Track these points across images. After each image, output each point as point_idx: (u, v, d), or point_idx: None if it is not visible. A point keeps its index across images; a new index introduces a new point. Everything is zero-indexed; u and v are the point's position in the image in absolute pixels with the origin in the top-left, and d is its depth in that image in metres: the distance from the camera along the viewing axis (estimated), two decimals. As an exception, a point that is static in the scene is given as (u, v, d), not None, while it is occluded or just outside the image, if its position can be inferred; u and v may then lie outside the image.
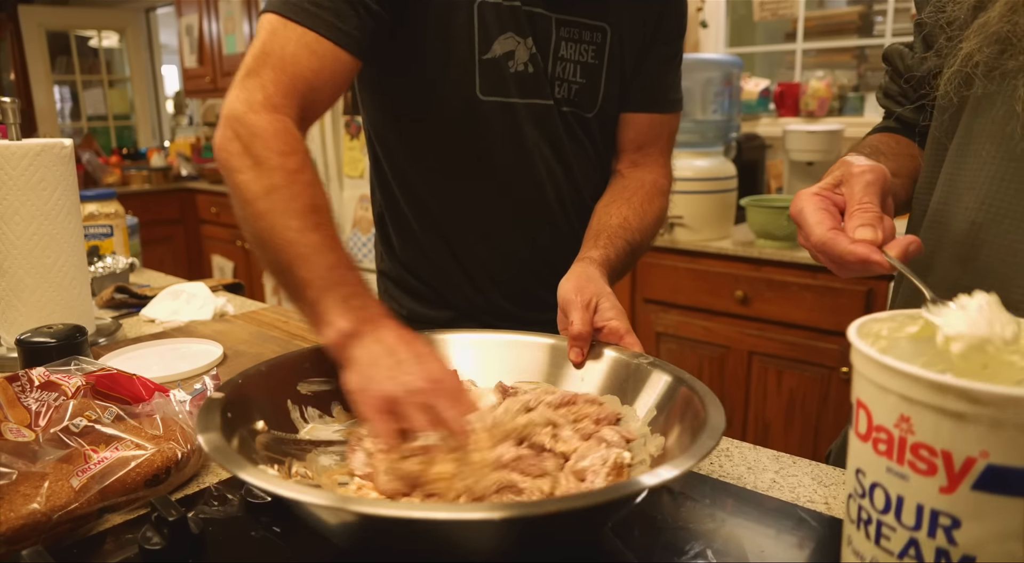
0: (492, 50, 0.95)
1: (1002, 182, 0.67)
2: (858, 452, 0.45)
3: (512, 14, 0.94)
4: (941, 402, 0.39)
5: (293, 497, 0.49)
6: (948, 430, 0.39)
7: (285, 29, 0.84)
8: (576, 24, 0.98)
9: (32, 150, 1.06)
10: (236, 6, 4.35)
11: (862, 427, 0.44)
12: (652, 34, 1.03)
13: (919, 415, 0.40)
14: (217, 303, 1.30)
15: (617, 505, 0.54)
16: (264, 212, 0.75)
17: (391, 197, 1.10)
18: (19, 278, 1.07)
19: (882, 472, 0.43)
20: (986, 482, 0.39)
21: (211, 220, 4.49)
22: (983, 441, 0.38)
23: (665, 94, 1.06)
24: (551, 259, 0.97)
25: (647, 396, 0.70)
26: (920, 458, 0.40)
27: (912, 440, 0.41)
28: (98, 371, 0.78)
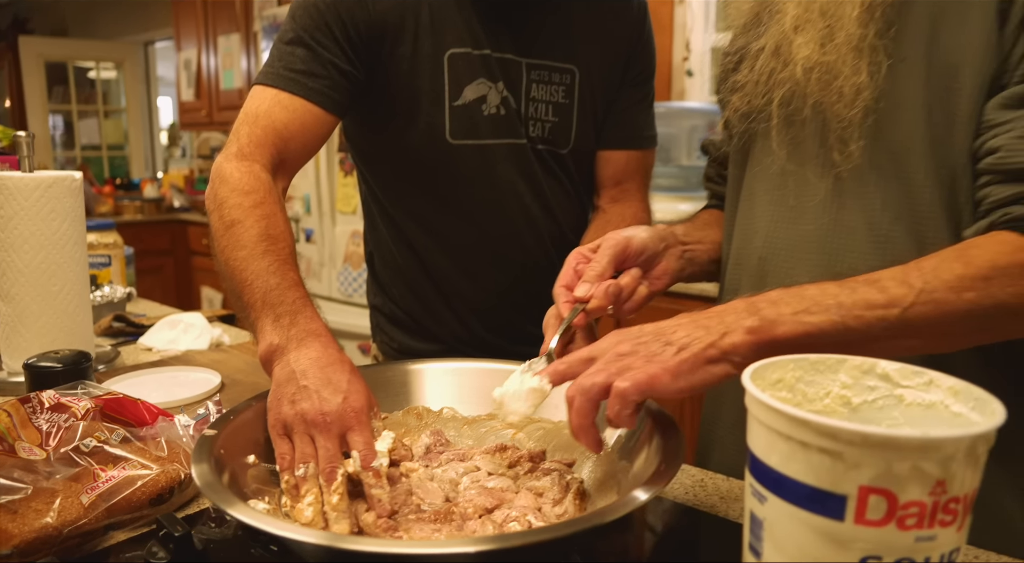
0: (463, 96, 1.02)
1: (778, 224, 0.80)
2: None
3: (483, 61, 1.02)
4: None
5: (267, 530, 0.53)
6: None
7: (263, 93, 0.96)
8: (545, 67, 1.05)
9: (44, 182, 1.10)
10: (235, 43, 4.46)
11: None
12: (621, 76, 1.11)
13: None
14: (213, 333, 1.33)
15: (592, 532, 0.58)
16: (224, 246, 0.84)
17: (379, 235, 1.17)
18: (25, 305, 1.11)
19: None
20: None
21: (202, 252, 4.52)
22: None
23: (640, 132, 1.14)
24: (532, 292, 1.03)
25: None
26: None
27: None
28: (105, 395, 0.81)
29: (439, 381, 0.87)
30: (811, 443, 0.44)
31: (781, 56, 0.74)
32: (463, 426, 0.81)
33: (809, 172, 0.77)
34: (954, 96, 0.68)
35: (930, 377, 0.53)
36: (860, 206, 0.74)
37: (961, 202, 0.70)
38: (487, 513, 0.64)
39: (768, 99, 0.76)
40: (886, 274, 0.62)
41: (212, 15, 4.61)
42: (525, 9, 1.04)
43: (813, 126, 0.76)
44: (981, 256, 0.61)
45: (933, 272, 0.61)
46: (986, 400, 0.48)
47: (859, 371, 0.56)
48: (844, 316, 0.60)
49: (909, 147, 0.70)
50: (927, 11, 0.70)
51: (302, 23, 0.98)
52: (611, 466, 0.70)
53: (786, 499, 0.46)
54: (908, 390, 0.54)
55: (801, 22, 0.71)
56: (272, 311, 0.77)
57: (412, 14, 1.00)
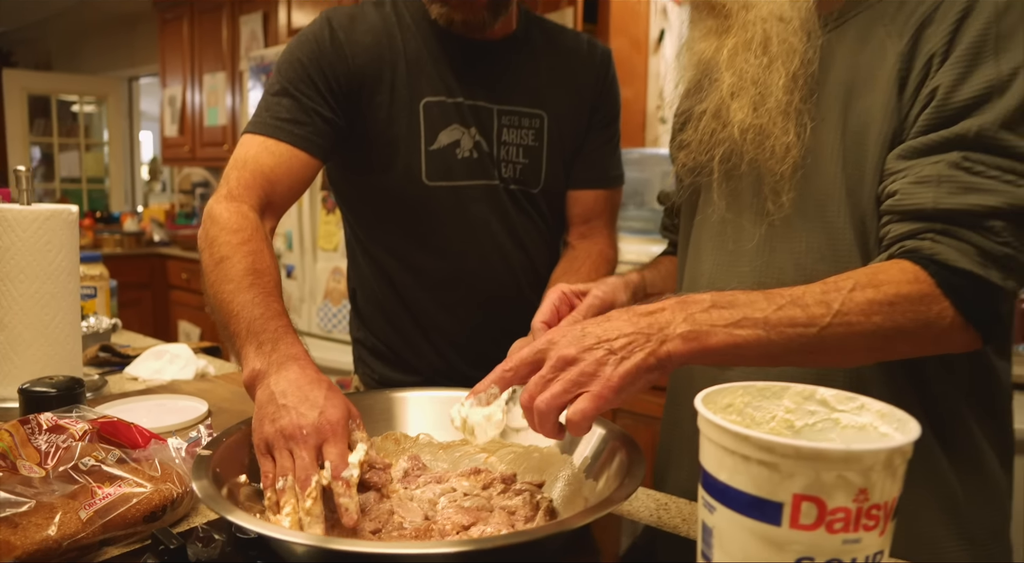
0: (438, 141, 1.10)
1: (719, 267, 0.89)
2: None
3: (456, 109, 1.09)
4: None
5: (268, 533, 0.58)
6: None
7: (251, 140, 1.03)
8: (515, 113, 1.13)
9: (42, 215, 1.15)
10: (220, 81, 4.54)
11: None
12: (587, 120, 1.19)
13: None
14: (198, 364, 1.37)
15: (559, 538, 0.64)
16: (213, 281, 0.89)
17: (361, 272, 1.23)
18: (18, 333, 1.14)
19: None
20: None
21: (181, 286, 4.53)
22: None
23: (606, 172, 1.21)
24: (507, 324, 1.09)
25: (584, 447, 0.81)
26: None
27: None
28: (101, 418, 0.85)
29: (416, 409, 0.93)
30: (752, 456, 0.50)
31: (720, 118, 0.82)
32: (439, 451, 0.86)
33: (745, 220, 0.85)
34: (864, 151, 0.77)
35: (861, 402, 0.59)
36: (789, 249, 0.82)
37: (872, 242, 0.78)
38: (464, 529, 0.69)
39: (710, 156, 0.85)
40: (809, 292, 0.68)
41: (199, 54, 4.69)
42: (495, 59, 1.12)
43: (749, 180, 0.84)
44: (888, 282, 0.68)
45: (849, 294, 0.68)
46: (906, 420, 0.54)
47: (800, 397, 0.62)
48: (769, 332, 0.67)
49: (830, 196, 0.79)
50: (842, 79, 0.79)
51: (287, 76, 1.05)
52: (578, 486, 0.75)
53: (731, 507, 0.52)
54: (843, 414, 0.60)
55: (736, 89, 0.80)
56: (255, 339, 0.81)
57: (389, 66, 1.08)
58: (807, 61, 0.79)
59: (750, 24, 0.79)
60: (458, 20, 1.05)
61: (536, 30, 1.18)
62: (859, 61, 0.79)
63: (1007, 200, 0.68)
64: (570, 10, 2.71)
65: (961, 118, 0.71)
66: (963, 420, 0.81)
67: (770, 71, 0.79)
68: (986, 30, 0.72)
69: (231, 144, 4.45)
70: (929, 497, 0.80)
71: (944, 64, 0.73)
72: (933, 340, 0.70)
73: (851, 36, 0.81)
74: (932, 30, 0.74)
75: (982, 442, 0.82)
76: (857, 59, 0.80)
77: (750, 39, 0.79)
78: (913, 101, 0.75)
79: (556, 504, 0.73)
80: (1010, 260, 0.68)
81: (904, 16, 0.77)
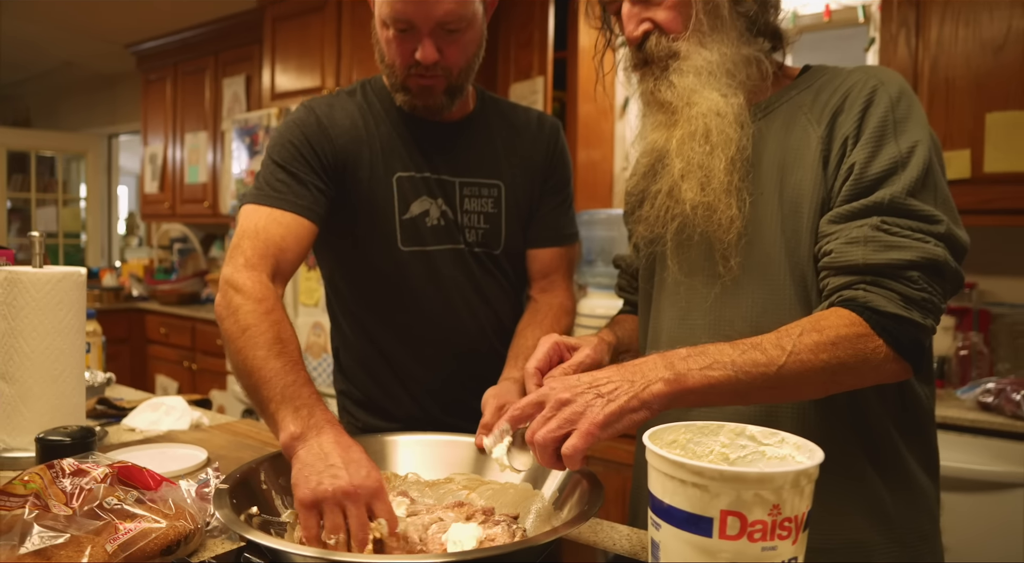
0: (410, 211, 1.23)
1: (676, 322, 1.01)
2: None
3: (424, 182, 1.23)
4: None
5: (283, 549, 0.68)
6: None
7: (256, 212, 1.13)
8: (476, 184, 1.27)
9: (55, 277, 1.24)
10: (202, 140, 4.66)
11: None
12: (541, 185, 1.32)
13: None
14: (193, 415, 1.45)
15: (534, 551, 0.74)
16: (240, 347, 0.98)
17: (342, 329, 1.35)
18: (28, 386, 1.23)
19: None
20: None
21: (159, 341, 4.57)
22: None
23: (561, 231, 1.34)
24: (477, 373, 1.20)
25: (552, 482, 0.92)
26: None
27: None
28: (117, 463, 0.94)
29: (405, 451, 1.03)
30: (687, 480, 0.61)
31: (674, 197, 0.96)
32: (425, 488, 0.96)
33: (698, 282, 0.99)
34: (800, 218, 0.92)
35: (782, 437, 0.71)
36: (737, 304, 0.95)
37: (812, 294, 0.92)
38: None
39: (666, 228, 0.99)
40: (766, 339, 0.82)
41: (181, 113, 4.83)
42: (455, 137, 1.26)
43: (701, 248, 0.98)
44: (830, 327, 0.82)
45: (799, 338, 0.81)
46: (815, 450, 0.66)
47: (733, 434, 0.74)
48: (737, 372, 0.79)
49: (771, 258, 0.93)
50: (774, 159, 0.95)
51: (282, 156, 1.17)
52: (547, 516, 0.86)
53: (672, 524, 0.63)
54: (768, 447, 0.72)
55: (686, 172, 0.94)
56: (291, 404, 0.91)
57: (366, 145, 1.22)
58: (742, 147, 0.94)
59: (693, 119, 0.94)
60: (420, 106, 1.19)
61: (491, 108, 1.32)
62: (787, 143, 0.95)
63: (920, 254, 0.82)
64: (540, 79, 2.90)
65: (876, 189, 0.86)
66: (892, 440, 0.93)
67: (712, 157, 0.93)
68: (885, 117, 0.89)
69: (212, 201, 4.56)
70: (863, 506, 0.92)
71: (856, 145, 0.89)
72: (872, 372, 0.83)
73: (778, 124, 0.97)
74: (843, 118, 0.91)
75: (909, 458, 0.94)
76: (786, 142, 0.95)
77: (694, 131, 0.94)
78: (835, 175, 0.90)
79: (529, 533, 0.84)
80: (927, 303, 0.82)
81: (820, 107, 0.94)
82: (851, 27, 2.69)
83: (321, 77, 3.51)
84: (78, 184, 6.56)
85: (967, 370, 2.18)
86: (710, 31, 0.94)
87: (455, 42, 1.13)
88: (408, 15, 1.09)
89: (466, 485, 0.96)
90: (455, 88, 1.19)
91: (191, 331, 4.31)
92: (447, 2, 1.08)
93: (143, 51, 5.04)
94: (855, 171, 0.87)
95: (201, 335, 4.24)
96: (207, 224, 4.99)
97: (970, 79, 2.09)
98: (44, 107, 6.78)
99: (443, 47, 1.12)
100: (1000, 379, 1.94)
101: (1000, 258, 2.38)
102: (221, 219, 4.47)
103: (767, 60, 0.98)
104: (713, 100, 0.93)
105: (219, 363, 4.00)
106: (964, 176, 2.11)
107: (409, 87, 1.17)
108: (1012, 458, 1.82)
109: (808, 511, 0.62)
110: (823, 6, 2.64)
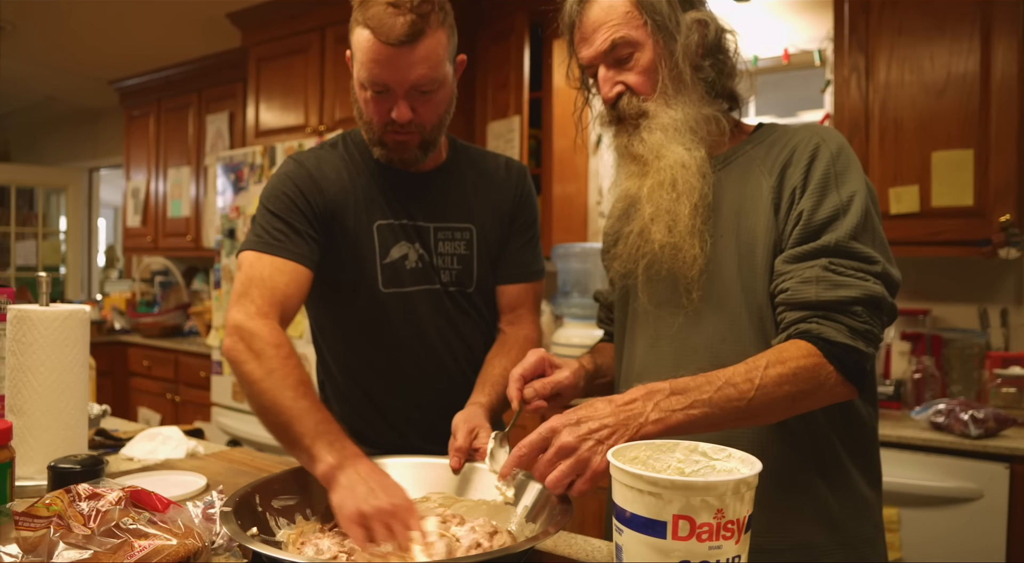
0: (390, 255, 1.34)
1: (646, 349, 1.13)
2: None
3: (403, 229, 1.34)
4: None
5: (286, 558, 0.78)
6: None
7: (260, 260, 1.22)
8: (449, 228, 1.38)
9: (61, 315, 1.32)
10: (185, 175, 4.74)
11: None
12: (509, 226, 1.43)
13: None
14: (189, 444, 1.53)
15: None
16: (267, 389, 1.08)
17: (326, 364, 1.46)
18: (35, 418, 1.30)
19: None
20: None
21: (142, 373, 4.59)
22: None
23: (527, 268, 1.45)
24: (452, 402, 1.29)
25: (526, 498, 1.02)
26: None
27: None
28: (128, 488, 1.02)
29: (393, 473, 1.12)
30: (644, 489, 0.71)
31: (644, 237, 1.08)
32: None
33: (665, 312, 1.10)
34: (755, 258, 1.04)
35: (729, 452, 0.81)
36: (699, 333, 1.07)
37: (768, 325, 1.03)
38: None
39: (636, 265, 1.11)
40: (736, 373, 0.93)
41: (164, 148, 4.90)
42: (430, 186, 1.37)
43: (667, 282, 1.09)
44: (791, 358, 0.93)
45: (765, 371, 0.92)
46: (755, 462, 0.77)
47: (688, 450, 0.84)
48: (713, 408, 0.90)
49: (729, 293, 1.05)
50: (732, 207, 1.07)
51: (277, 207, 1.27)
52: (521, 528, 0.95)
53: (632, 528, 0.72)
54: (718, 461, 0.82)
55: (655, 216, 1.06)
56: (325, 438, 1.02)
57: (351, 195, 1.32)
58: (704, 194, 1.06)
59: (662, 170, 1.06)
60: (396, 159, 1.30)
61: (463, 157, 1.43)
62: (743, 192, 1.07)
63: (862, 292, 0.94)
64: (517, 118, 3.03)
65: (822, 233, 0.98)
66: (838, 454, 1.05)
67: (678, 203, 1.05)
68: (827, 170, 1.01)
69: (194, 235, 4.62)
70: (811, 513, 1.03)
71: (804, 194, 1.01)
72: (825, 395, 0.95)
73: (735, 174, 1.10)
74: (791, 171, 1.04)
75: (853, 470, 1.06)
76: (742, 190, 1.08)
77: (663, 180, 1.06)
78: (786, 220, 1.02)
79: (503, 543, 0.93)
80: (869, 333, 0.95)
81: (771, 160, 1.07)
82: (808, 69, 2.86)
83: (305, 115, 3.62)
84: (58, 217, 6.59)
85: (921, 392, 2.31)
86: (675, 93, 1.07)
87: (428, 102, 1.23)
88: (384, 79, 1.19)
89: (442, 503, 1.06)
90: (428, 142, 1.29)
91: (174, 363, 4.35)
92: (420, 68, 1.18)
93: (126, 87, 5.12)
94: (803, 217, 1.00)
95: (184, 367, 4.28)
96: (189, 257, 5.04)
97: (916, 120, 2.24)
98: (25, 141, 6.82)
99: (416, 107, 1.22)
100: (950, 400, 2.06)
101: (951, 286, 2.52)
102: (204, 252, 4.54)
103: (724, 118, 1.11)
104: (679, 153, 1.05)
105: (203, 395, 4.04)
106: (914, 210, 2.25)
107: (386, 142, 1.28)
108: (962, 475, 1.93)
109: (749, 515, 0.72)
110: (782, 50, 2.80)
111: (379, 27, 1.15)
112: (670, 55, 1.07)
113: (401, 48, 1.16)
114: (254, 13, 3.78)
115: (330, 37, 3.50)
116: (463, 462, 1.11)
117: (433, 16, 1.18)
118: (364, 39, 1.18)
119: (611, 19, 1.07)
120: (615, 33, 1.07)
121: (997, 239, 2.13)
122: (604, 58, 1.09)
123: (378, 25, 1.15)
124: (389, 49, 1.16)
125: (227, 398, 3.57)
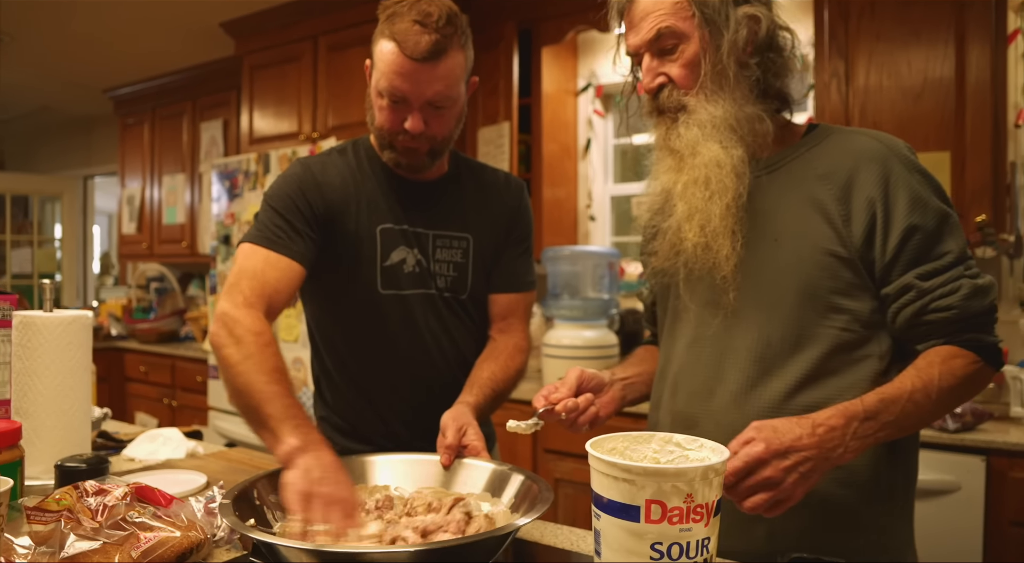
0: (390, 258, 1.40)
1: (686, 349, 1.15)
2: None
3: (403, 234, 1.40)
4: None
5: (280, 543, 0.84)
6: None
7: (255, 253, 1.28)
8: (447, 236, 1.43)
9: (66, 320, 1.37)
10: (180, 182, 4.78)
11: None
12: (505, 238, 1.48)
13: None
14: (189, 445, 1.57)
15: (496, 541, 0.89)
16: (242, 372, 1.14)
17: (322, 362, 1.50)
18: (41, 421, 1.35)
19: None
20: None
21: (139, 379, 4.63)
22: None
23: (520, 278, 1.50)
24: (443, 402, 1.33)
25: (510, 489, 1.07)
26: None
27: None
28: (132, 484, 1.07)
29: (384, 469, 1.19)
30: (619, 476, 0.76)
31: (680, 234, 1.09)
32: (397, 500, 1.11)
33: (706, 313, 1.12)
34: (805, 265, 1.05)
35: (701, 442, 0.87)
36: (740, 336, 1.09)
37: (819, 332, 1.05)
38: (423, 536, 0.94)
39: (675, 262, 1.12)
40: (917, 389, 0.98)
41: (158, 156, 4.94)
42: (431, 195, 1.42)
43: (705, 281, 1.11)
44: (958, 368, 1.00)
45: (939, 384, 0.98)
46: (723, 451, 0.82)
47: (663, 441, 0.89)
48: (894, 428, 0.97)
49: (777, 298, 1.06)
50: (780, 211, 1.08)
51: (279, 205, 1.32)
52: (506, 517, 1.00)
53: (608, 513, 0.78)
54: (691, 451, 0.87)
55: (688, 214, 1.07)
56: (291, 421, 1.07)
57: (353, 200, 1.38)
58: (738, 194, 1.05)
59: (696, 167, 1.06)
60: (404, 163, 1.35)
61: (464, 169, 1.49)
62: (794, 197, 1.07)
63: (994, 292, 1.03)
64: (507, 124, 3.08)
65: (942, 242, 1.02)
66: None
67: (711, 202, 1.06)
68: (910, 179, 1.04)
69: (190, 241, 4.66)
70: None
71: (894, 207, 1.02)
72: (978, 392, 1.05)
73: (784, 178, 1.10)
74: (862, 180, 1.04)
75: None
76: (793, 196, 1.08)
77: (696, 178, 1.07)
78: (871, 231, 1.03)
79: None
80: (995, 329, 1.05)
81: (830, 167, 1.07)
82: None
83: (298, 123, 3.67)
84: (52, 225, 6.62)
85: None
86: (717, 89, 1.06)
87: (440, 116, 1.29)
88: (403, 91, 1.25)
89: (431, 496, 1.10)
90: (436, 151, 1.35)
91: (171, 368, 4.38)
92: (437, 84, 1.24)
93: (121, 96, 5.17)
94: (918, 232, 1.01)
95: (181, 372, 4.32)
96: (185, 263, 5.08)
97: (894, 123, 2.30)
98: (19, 149, 6.85)
99: (429, 120, 1.28)
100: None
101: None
102: (200, 258, 4.58)
103: (771, 119, 1.09)
104: (714, 151, 1.05)
105: (200, 399, 4.08)
106: (894, 211, 2.31)
107: (396, 146, 1.33)
108: (940, 467, 1.99)
109: (718, 500, 0.77)
110: (766, 55, 2.86)
111: (405, 41, 1.21)
112: (715, 49, 1.05)
113: (423, 64, 1.22)
114: (247, 22, 3.83)
115: (323, 46, 3.55)
116: (452, 459, 1.16)
117: (456, 38, 1.24)
118: (388, 51, 1.24)
119: (660, 8, 1.07)
120: (662, 22, 1.06)
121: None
122: (649, 47, 1.09)
123: (404, 39, 1.21)
124: (412, 63, 1.22)
125: (224, 402, 3.61)
